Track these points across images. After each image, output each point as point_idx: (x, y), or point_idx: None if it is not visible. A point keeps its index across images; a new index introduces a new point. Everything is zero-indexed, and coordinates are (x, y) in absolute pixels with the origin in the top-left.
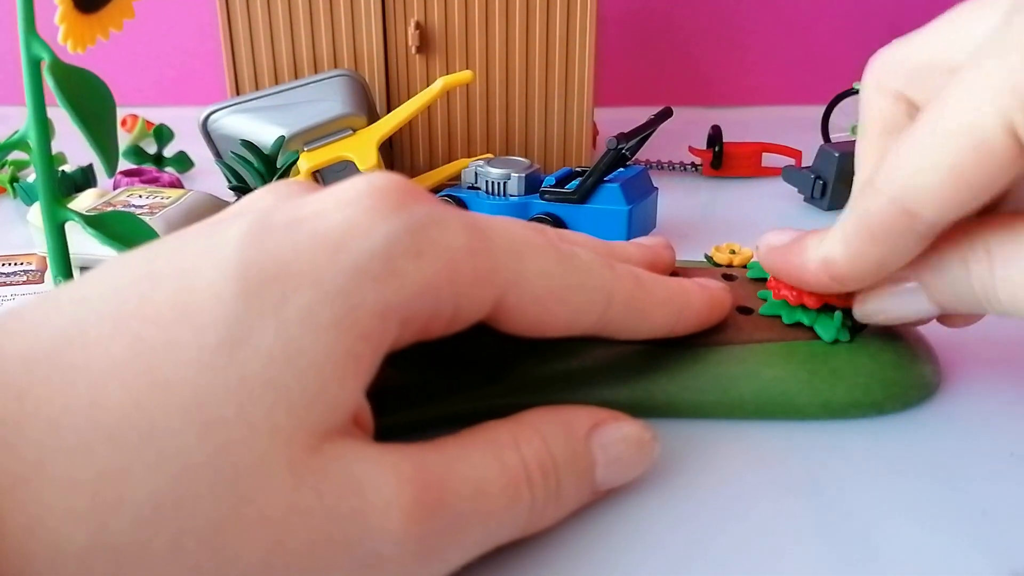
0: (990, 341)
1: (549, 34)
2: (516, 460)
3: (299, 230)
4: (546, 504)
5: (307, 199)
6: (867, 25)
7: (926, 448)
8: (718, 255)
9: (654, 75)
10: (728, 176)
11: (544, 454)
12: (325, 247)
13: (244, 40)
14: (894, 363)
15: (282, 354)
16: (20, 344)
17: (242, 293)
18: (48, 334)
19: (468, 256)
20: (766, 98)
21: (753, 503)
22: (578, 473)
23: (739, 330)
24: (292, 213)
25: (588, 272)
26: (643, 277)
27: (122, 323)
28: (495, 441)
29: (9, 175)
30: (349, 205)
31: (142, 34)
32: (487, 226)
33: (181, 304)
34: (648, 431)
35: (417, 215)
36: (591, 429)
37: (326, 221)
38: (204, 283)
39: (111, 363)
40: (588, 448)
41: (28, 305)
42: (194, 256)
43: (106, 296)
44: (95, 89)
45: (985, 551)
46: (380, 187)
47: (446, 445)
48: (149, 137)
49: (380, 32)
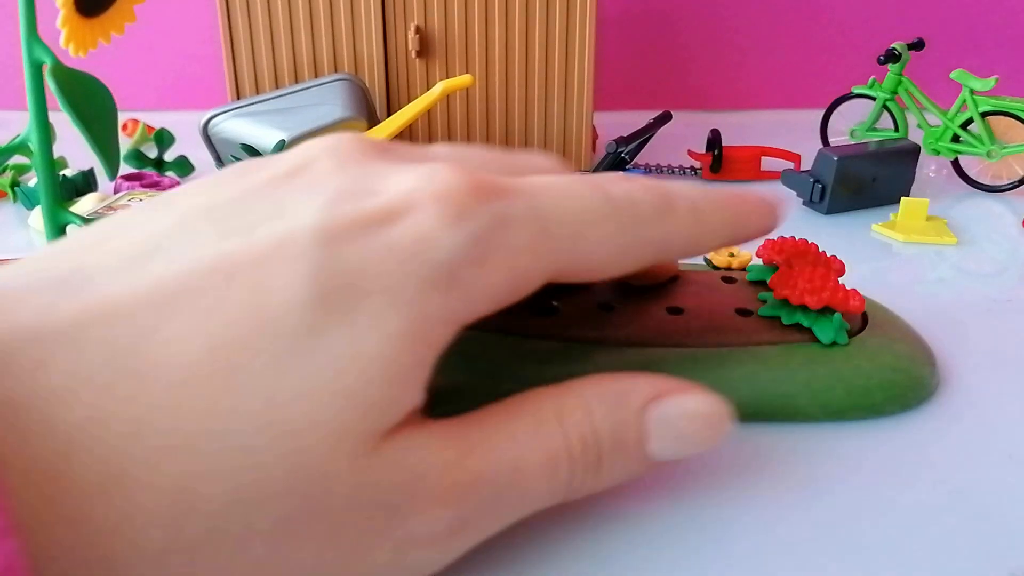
0: (989, 343)
1: (548, 38)
2: (558, 434)
3: (369, 237)
4: (585, 477)
5: (373, 186)
6: (866, 30)
7: (925, 450)
8: (717, 258)
9: (653, 79)
10: (727, 180)
11: (586, 427)
12: (395, 257)
13: (244, 44)
14: (893, 365)
15: (353, 362)
16: (101, 333)
17: (315, 299)
18: (127, 322)
19: (530, 255)
20: (765, 102)
21: (752, 504)
22: (624, 448)
23: (738, 332)
24: (361, 209)
25: (646, 223)
26: (702, 212)
27: (198, 320)
28: (538, 414)
29: (10, 179)
30: (417, 210)
31: (143, 38)
32: (548, 207)
33: (256, 305)
34: (718, 405)
35: (481, 220)
36: (648, 401)
37: (396, 230)
38: (278, 283)
39: (188, 363)
40: (640, 422)
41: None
42: (266, 244)
43: (183, 284)
44: (97, 93)
45: (984, 552)
46: (446, 191)
47: (489, 419)
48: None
49: (380, 36)
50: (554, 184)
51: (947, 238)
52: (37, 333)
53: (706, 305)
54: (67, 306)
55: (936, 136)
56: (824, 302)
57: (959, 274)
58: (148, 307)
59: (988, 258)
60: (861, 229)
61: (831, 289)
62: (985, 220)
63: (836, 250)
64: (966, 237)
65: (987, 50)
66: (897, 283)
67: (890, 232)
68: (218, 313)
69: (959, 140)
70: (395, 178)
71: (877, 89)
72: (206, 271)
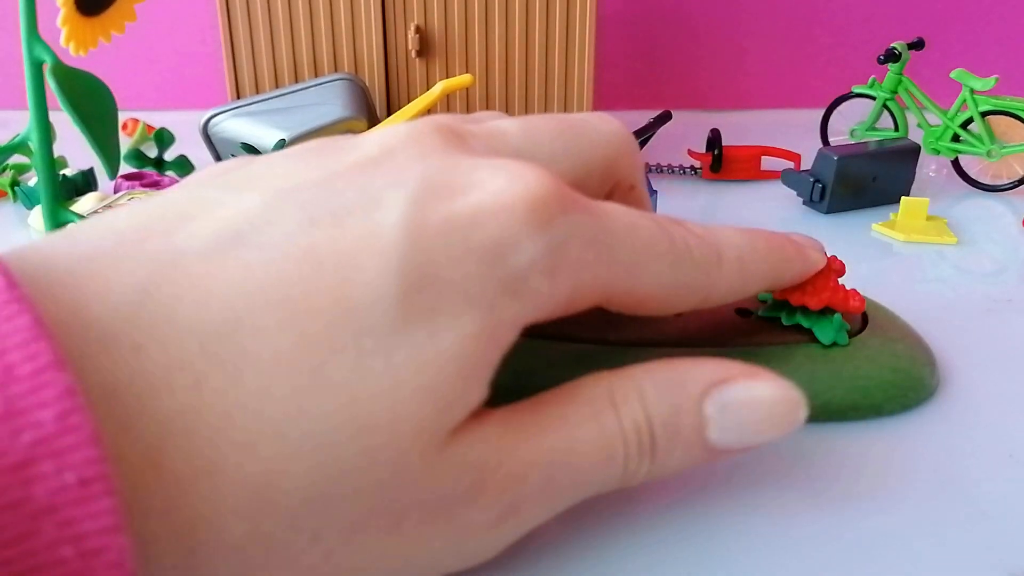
0: (989, 343)
1: (548, 38)
2: (613, 421)
3: (455, 235)
4: (640, 464)
5: (460, 180)
6: (866, 29)
7: (925, 450)
8: None
9: (653, 79)
10: (727, 179)
11: (639, 413)
12: (477, 259)
13: (244, 44)
14: (893, 366)
15: (433, 361)
16: (195, 318)
17: (399, 297)
18: (219, 308)
19: (593, 274)
20: (765, 102)
21: (752, 504)
22: (681, 436)
23: (738, 333)
24: (449, 209)
25: (696, 270)
26: (747, 264)
27: (287, 312)
28: (592, 401)
29: (10, 179)
30: (504, 212)
31: (143, 38)
32: (618, 232)
33: (343, 299)
34: (788, 391)
35: (561, 232)
36: (710, 387)
37: (483, 233)
38: (364, 278)
39: (276, 355)
40: (698, 408)
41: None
42: (355, 236)
43: (272, 273)
44: (97, 92)
45: (984, 552)
46: (532, 198)
47: (543, 406)
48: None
49: (380, 36)
50: (624, 212)
51: (947, 238)
52: (134, 315)
53: None
54: (162, 289)
55: (936, 136)
56: (824, 302)
57: (959, 274)
58: (239, 295)
59: (988, 258)
60: (861, 229)
61: (831, 289)
62: (985, 220)
63: (836, 250)
64: (966, 237)
65: (987, 50)
66: (897, 283)
67: (890, 232)
68: (305, 304)
69: (959, 140)
70: (481, 174)
71: (877, 89)
72: (295, 260)
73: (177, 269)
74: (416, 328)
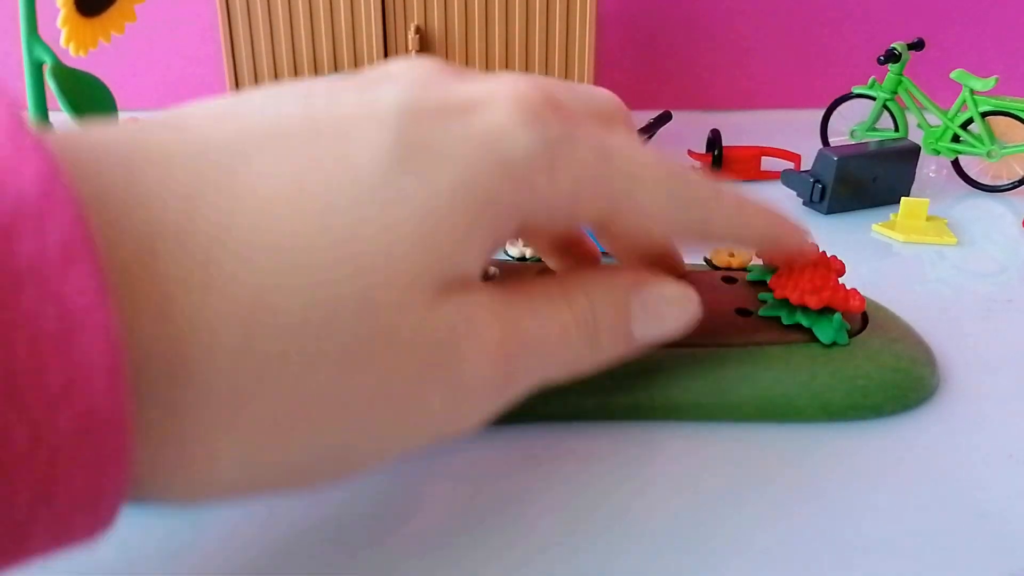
0: (989, 343)
1: (548, 38)
2: (567, 314)
3: (451, 120)
4: (582, 351)
5: (454, 86)
6: (866, 29)
7: (925, 450)
8: (717, 258)
9: (653, 79)
10: (727, 180)
11: (586, 307)
12: (474, 143)
13: (244, 44)
14: (893, 365)
15: (430, 217)
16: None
17: (398, 155)
18: (216, 153)
19: (591, 179)
20: (765, 102)
21: (752, 504)
22: (615, 327)
23: (738, 332)
24: (443, 98)
25: (695, 200)
26: (745, 206)
27: (287, 160)
28: (552, 298)
29: None
30: (496, 108)
31: (143, 38)
32: (613, 149)
33: (341, 155)
34: (688, 290)
35: (554, 131)
36: (631, 287)
37: (476, 120)
38: (363, 137)
39: (275, 189)
40: (625, 304)
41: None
42: (350, 107)
43: (272, 130)
44: (97, 92)
45: (984, 552)
46: (523, 96)
47: (517, 297)
48: None
49: (380, 36)
50: (621, 133)
51: (947, 238)
52: (127, 156)
53: (706, 305)
54: (158, 136)
55: (936, 136)
56: (824, 302)
57: (959, 274)
58: (238, 142)
59: (988, 258)
60: (861, 229)
61: (831, 289)
62: (985, 220)
63: (836, 250)
64: (966, 237)
65: (987, 50)
66: (897, 283)
67: (890, 232)
68: (305, 155)
69: (959, 140)
70: (474, 84)
71: (877, 89)
72: (295, 123)
73: (177, 128)
74: (413, 183)
